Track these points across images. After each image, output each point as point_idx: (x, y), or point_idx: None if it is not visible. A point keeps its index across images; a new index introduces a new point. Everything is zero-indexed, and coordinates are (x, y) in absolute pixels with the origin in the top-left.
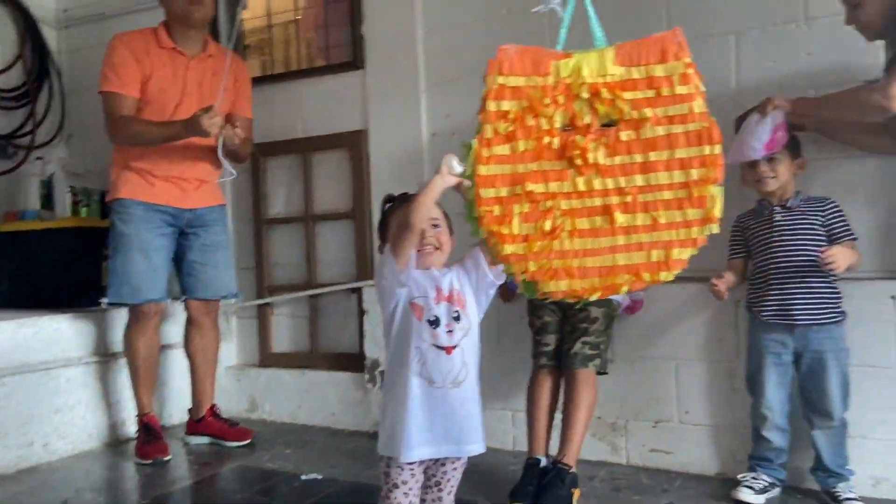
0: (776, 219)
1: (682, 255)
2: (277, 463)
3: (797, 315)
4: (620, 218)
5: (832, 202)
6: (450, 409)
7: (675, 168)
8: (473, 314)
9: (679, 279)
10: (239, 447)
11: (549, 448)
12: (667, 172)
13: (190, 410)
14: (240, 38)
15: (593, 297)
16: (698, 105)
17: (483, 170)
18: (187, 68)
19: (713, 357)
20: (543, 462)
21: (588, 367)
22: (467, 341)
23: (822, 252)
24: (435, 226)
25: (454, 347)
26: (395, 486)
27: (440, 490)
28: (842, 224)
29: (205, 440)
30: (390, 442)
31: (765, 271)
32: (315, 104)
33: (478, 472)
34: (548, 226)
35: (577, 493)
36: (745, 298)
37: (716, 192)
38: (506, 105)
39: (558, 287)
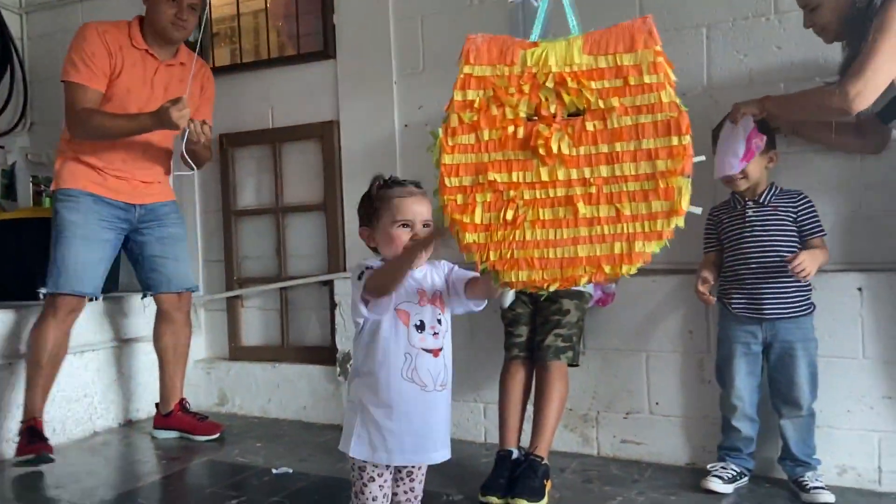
0: (748, 214)
1: (647, 248)
2: (248, 457)
3: (767, 310)
4: (583, 209)
5: (804, 196)
6: (440, 413)
7: (641, 159)
8: (449, 316)
9: (650, 272)
10: (208, 441)
11: (520, 440)
12: (633, 163)
13: (157, 405)
14: (208, 26)
15: (552, 288)
16: (667, 94)
17: (447, 159)
18: (156, 71)
19: (684, 349)
20: (515, 454)
21: (560, 359)
22: (446, 343)
23: (789, 260)
24: (426, 226)
25: (440, 350)
26: (372, 479)
27: (412, 480)
28: (812, 220)
29: (173, 434)
30: (373, 450)
31: (736, 266)
32: (285, 94)
33: (449, 464)
34: (509, 215)
35: (548, 484)
36: (717, 289)
37: (682, 184)
38: (471, 94)
39: (518, 277)
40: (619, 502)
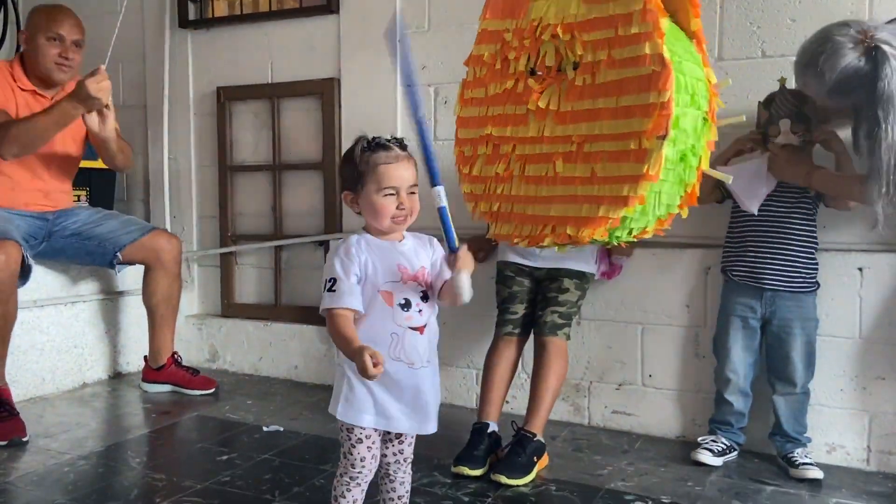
0: None
1: (610, 213)
2: (239, 414)
3: (766, 280)
4: (560, 167)
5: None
6: (426, 389)
7: (620, 117)
8: (434, 292)
9: (649, 244)
10: (203, 396)
11: (499, 415)
12: (612, 121)
13: (146, 358)
14: None
15: (522, 245)
16: (652, 45)
17: (461, 111)
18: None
19: (679, 322)
20: (492, 427)
21: (557, 335)
22: (432, 319)
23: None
24: (412, 192)
25: (425, 326)
26: (360, 440)
27: (402, 443)
28: None
29: (165, 388)
30: (360, 413)
31: (743, 232)
32: (285, 48)
33: (442, 428)
34: (500, 169)
35: (543, 462)
36: (721, 259)
37: (654, 147)
38: (483, 49)
39: (501, 230)
40: (608, 472)
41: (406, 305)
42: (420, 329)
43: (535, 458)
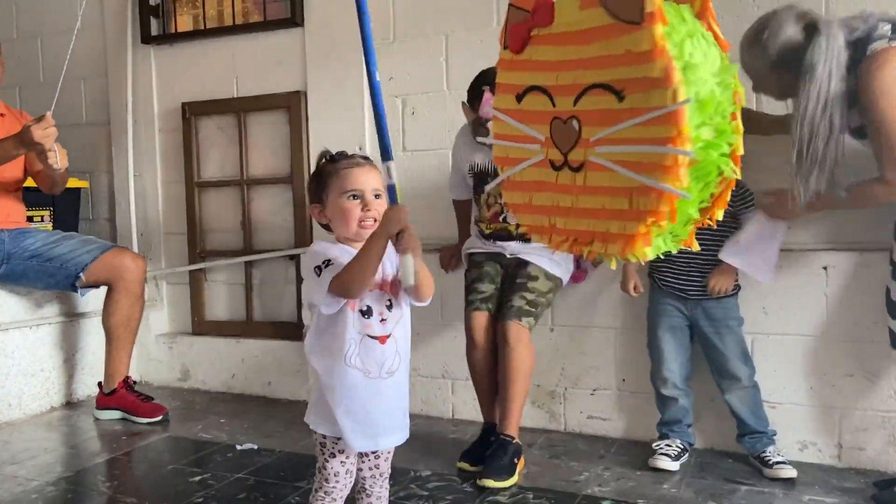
0: None
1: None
2: (211, 433)
3: (691, 292)
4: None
5: (746, 189)
6: (384, 400)
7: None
8: (406, 302)
9: None
10: (150, 424)
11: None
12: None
13: (100, 384)
14: None
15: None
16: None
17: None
18: None
19: None
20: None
21: (522, 321)
22: (400, 330)
23: (709, 285)
24: (377, 196)
25: (388, 337)
26: (333, 455)
27: (377, 458)
28: (743, 204)
29: (116, 415)
30: (332, 425)
31: None
32: (251, 62)
33: (418, 440)
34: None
35: (521, 464)
36: (647, 263)
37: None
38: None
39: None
40: (585, 478)
41: (367, 313)
42: (381, 339)
43: (515, 460)
